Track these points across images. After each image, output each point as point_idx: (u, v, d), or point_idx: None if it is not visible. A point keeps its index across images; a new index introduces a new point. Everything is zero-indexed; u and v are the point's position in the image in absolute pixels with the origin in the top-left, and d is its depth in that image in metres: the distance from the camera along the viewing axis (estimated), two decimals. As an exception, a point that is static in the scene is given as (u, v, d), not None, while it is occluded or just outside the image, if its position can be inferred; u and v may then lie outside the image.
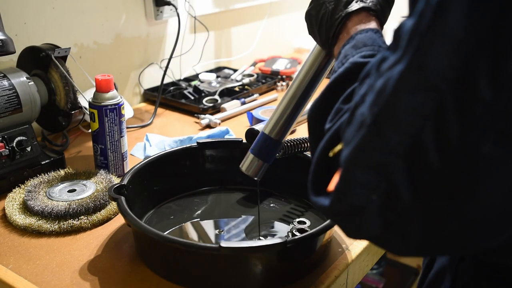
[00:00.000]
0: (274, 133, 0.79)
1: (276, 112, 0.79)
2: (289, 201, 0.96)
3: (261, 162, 0.81)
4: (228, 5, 1.76)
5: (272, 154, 0.80)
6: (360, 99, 0.46)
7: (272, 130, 0.79)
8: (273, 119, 0.79)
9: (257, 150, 0.80)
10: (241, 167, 0.83)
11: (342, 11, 0.65)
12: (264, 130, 0.80)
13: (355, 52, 0.60)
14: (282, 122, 0.78)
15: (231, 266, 0.72)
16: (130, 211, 0.75)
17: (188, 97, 1.49)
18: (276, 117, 0.79)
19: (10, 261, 0.79)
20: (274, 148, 0.80)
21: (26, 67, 1.07)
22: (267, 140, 0.79)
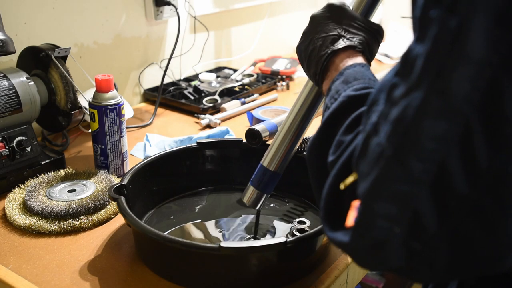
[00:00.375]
0: (272, 165, 0.82)
1: (273, 144, 0.82)
2: (289, 201, 0.96)
3: (261, 193, 0.84)
4: (228, 5, 1.76)
5: (271, 185, 0.84)
6: (373, 129, 0.45)
7: (271, 163, 0.82)
8: (271, 151, 0.82)
9: (256, 182, 0.84)
10: (243, 199, 0.85)
11: (329, 48, 0.66)
12: (262, 163, 0.83)
13: (346, 87, 0.60)
14: (280, 155, 0.81)
15: (231, 266, 0.72)
16: (130, 211, 0.75)
17: (188, 97, 1.49)
18: (273, 150, 0.82)
19: (10, 261, 0.79)
20: (273, 180, 0.83)
21: (26, 67, 1.07)
22: (267, 173, 0.83)
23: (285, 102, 1.54)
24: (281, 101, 1.55)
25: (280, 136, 0.81)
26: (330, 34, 0.67)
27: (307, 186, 0.95)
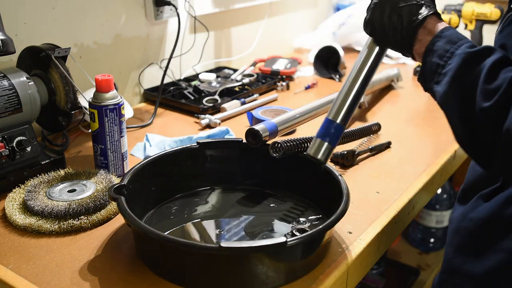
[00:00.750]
0: (338, 118, 0.85)
1: (338, 98, 0.86)
2: (289, 200, 0.96)
3: (329, 145, 0.86)
4: (228, 5, 1.76)
5: (337, 137, 0.87)
6: None
7: (337, 116, 0.85)
8: (336, 105, 0.86)
9: (324, 135, 0.86)
10: (309, 153, 0.87)
11: (418, 14, 0.75)
12: (328, 117, 0.86)
13: (457, 46, 0.70)
14: (345, 108, 0.85)
15: (231, 266, 0.72)
16: (130, 211, 0.75)
17: (188, 97, 1.49)
18: (338, 103, 0.86)
19: (10, 261, 0.79)
20: (339, 131, 0.86)
21: (26, 67, 1.07)
22: (333, 125, 0.86)
23: (285, 102, 1.54)
24: (281, 101, 1.55)
25: (345, 90, 0.85)
26: (411, 3, 0.76)
27: (307, 185, 0.95)
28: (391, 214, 0.95)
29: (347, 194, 0.82)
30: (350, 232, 0.88)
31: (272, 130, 1.01)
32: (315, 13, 2.27)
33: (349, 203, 0.81)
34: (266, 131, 0.99)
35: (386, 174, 1.09)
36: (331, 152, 0.86)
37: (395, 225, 0.96)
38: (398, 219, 0.96)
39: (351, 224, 0.90)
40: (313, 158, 0.86)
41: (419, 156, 1.18)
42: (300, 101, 1.54)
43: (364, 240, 0.86)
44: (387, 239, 0.95)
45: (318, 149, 0.86)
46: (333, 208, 0.79)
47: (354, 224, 0.91)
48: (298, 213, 0.92)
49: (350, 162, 1.12)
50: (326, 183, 0.89)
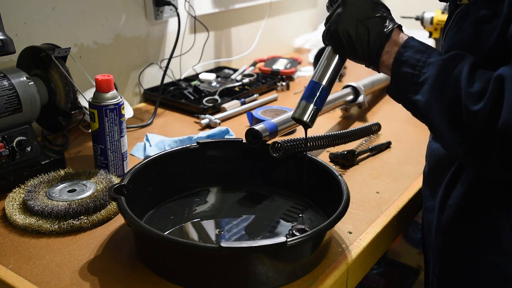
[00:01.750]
0: (324, 80, 0.84)
1: (322, 63, 0.84)
2: (289, 200, 0.96)
3: (314, 107, 0.84)
4: (228, 5, 1.76)
5: (323, 99, 0.85)
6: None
7: (322, 78, 0.84)
8: (321, 69, 0.84)
9: (309, 97, 0.84)
10: (294, 116, 0.86)
11: (384, 27, 0.77)
12: (314, 79, 0.85)
13: (427, 55, 0.72)
14: (330, 72, 0.84)
15: (231, 266, 0.72)
16: (130, 211, 0.75)
17: (188, 97, 1.49)
18: (323, 67, 0.84)
19: (10, 261, 0.79)
20: (325, 94, 0.85)
21: (26, 67, 1.07)
22: (318, 87, 0.84)
23: (285, 102, 1.54)
24: (281, 101, 1.55)
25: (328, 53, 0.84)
26: (377, 16, 0.78)
27: (307, 185, 0.95)
28: (391, 214, 0.95)
29: (347, 194, 0.82)
30: (350, 232, 0.88)
31: (272, 130, 1.01)
32: (315, 13, 2.27)
33: (349, 203, 0.81)
34: (266, 131, 0.99)
35: (386, 174, 1.09)
36: (316, 115, 0.85)
37: (395, 225, 0.96)
38: (398, 219, 0.96)
39: (351, 224, 0.90)
40: (298, 120, 0.85)
41: (419, 156, 1.17)
42: (300, 101, 1.54)
43: (364, 240, 0.86)
44: (387, 239, 0.95)
45: (304, 111, 0.84)
46: (333, 208, 0.79)
47: (354, 224, 0.91)
48: (298, 213, 0.92)
49: (350, 162, 1.12)
50: (326, 183, 0.89)
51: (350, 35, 0.79)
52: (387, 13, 0.79)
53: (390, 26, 0.77)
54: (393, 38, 0.77)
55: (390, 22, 0.78)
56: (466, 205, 0.79)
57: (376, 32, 0.77)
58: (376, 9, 0.78)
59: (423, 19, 1.78)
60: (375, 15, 0.78)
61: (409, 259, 2.04)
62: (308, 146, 1.03)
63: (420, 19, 1.79)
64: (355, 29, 0.78)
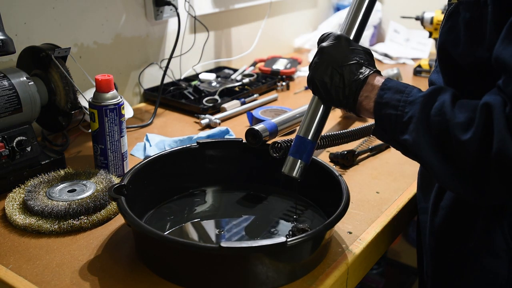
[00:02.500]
0: (309, 135, 0.84)
1: (307, 115, 0.85)
2: (289, 200, 0.96)
3: (302, 162, 0.85)
4: (228, 5, 1.77)
5: (309, 154, 0.85)
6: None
7: (307, 132, 0.84)
8: (305, 122, 0.85)
9: (296, 153, 0.85)
10: (284, 171, 0.86)
11: (358, 74, 0.77)
12: (299, 134, 0.85)
13: (405, 94, 0.72)
14: (315, 124, 0.84)
15: (231, 266, 0.72)
16: (130, 211, 0.75)
17: (188, 97, 1.49)
18: (308, 120, 0.84)
19: (10, 261, 0.79)
20: (311, 148, 0.85)
21: (26, 67, 1.07)
22: (304, 142, 0.85)
23: (285, 102, 1.54)
24: (281, 101, 1.55)
25: (313, 107, 0.84)
26: (352, 63, 0.78)
27: (307, 185, 0.95)
28: (391, 214, 0.95)
29: (347, 194, 0.82)
30: (350, 232, 0.88)
31: (272, 130, 1.01)
32: (315, 13, 2.27)
33: (349, 203, 0.81)
34: (266, 131, 0.99)
35: (386, 174, 1.09)
36: (305, 169, 0.86)
37: (395, 225, 0.96)
38: (398, 219, 0.96)
39: (351, 224, 0.90)
40: (287, 176, 0.86)
41: (419, 156, 1.18)
42: (300, 101, 1.54)
43: (364, 240, 0.86)
44: (387, 239, 0.95)
45: (292, 167, 0.85)
46: (333, 208, 0.79)
47: (354, 224, 0.91)
48: (298, 213, 0.92)
49: (350, 162, 1.12)
50: (326, 183, 0.89)
51: (325, 82, 0.79)
52: (365, 59, 0.79)
53: (366, 72, 0.77)
54: (370, 83, 0.77)
55: (366, 68, 0.78)
56: (458, 208, 0.80)
57: (351, 79, 0.77)
58: (352, 57, 0.78)
59: (423, 19, 1.79)
60: (350, 62, 0.78)
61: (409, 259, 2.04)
62: None
63: (420, 19, 1.79)
64: (330, 77, 0.79)
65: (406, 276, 1.95)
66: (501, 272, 0.75)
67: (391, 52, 2.03)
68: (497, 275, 0.75)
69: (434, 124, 0.68)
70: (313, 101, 0.84)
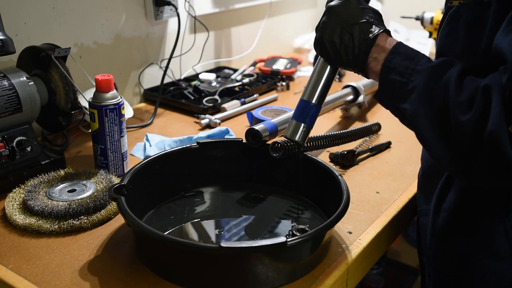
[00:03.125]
0: (314, 98, 0.84)
1: (312, 79, 0.84)
2: (289, 200, 0.96)
3: (305, 126, 0.85)
4: (228, 5, 1.77)
5: (313, 118, 0.85)
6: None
7: (311, 96, 0.84)
8: (310, 85, 0.84)
9: (299, 116, 0.84)
10: (286, 135, 0.86)
11: (369, 33, 0.76)
12: (303, 97, 0.85)
13: (415, 61, 0.71)
14: (319, 88, 0.84)
15: (231, 266, 0.72)
16: (130, 211, 0.75)
17: (188, 97, 1.49)
18: (312, 83, 0.84)
19: (10, 261, 0.79)
20: (315, 112, 0.85)
21: (26, 67, 1.07)
22: (308, 106, 0.84)
23: (285, 102, 1.54)
24: (281, 101, 1.55)
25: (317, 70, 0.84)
26: (362, 22, 0.77)
27: (307, 185, 0.95)
28: (391, 214, 0.95)
29: (347, 194, 0.82)
30: (350, 232, 0.88)
31: (272, 130, 1.01)
32: (315, 13, 2.27)
33: (349, 203, 0.81)
34: (266, 131, 0.99)
35: (386, 174, 1.09)
36: (308, 134, 0.85)
37: (395, 225, 0.96)
38: (398, 219, 0.96)
39: (351, 224, 0.90)
40: (290, 140, 0.85)
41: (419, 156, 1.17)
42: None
43: (364, 240, 0.86)
44: (387, 239, 0.95)
45: (295, 131, 0.84)
46: (333, 208, 0.79)
47: (354, 224, 0.91)
48: (298, 213, 0.92)
49: (350, 162, 1.12)
50: (326, 183, 0.89)
51: (334, 42, 0.78)
52: (375, 18, 0.78)
53: (376, 31, 0.76)
54: (380, 44, 0.75)
55: (376, 27, 0.76)
56: (461, 209, 0.79)
57: (361, 38, 0.76)
58: (362, 15, 0.77)
59: (423, 19, 1.79)
60: (360, 21, 0.77)
61: (409, 259, 2.04)
62: (308, 146, 1.03)
63: (420, 19, 1.79)
64: (340, 36, 0.78)
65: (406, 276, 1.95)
66: (504, 274, 0.74)
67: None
68: (500, 277, 0.75)
69: (436, 98, 0.67)
70: (318, 64, 0.84)
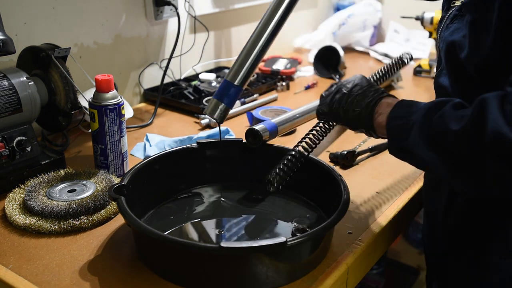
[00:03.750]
0: (236, 80, 0.89)
1: (237, 60, 0.89)
2: (289, 200, 0.96)
3: (225, 106, 0.90)
4: (228, 5, 1.76)
5: (234, 98, 0.90)
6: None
7: (234, 78, 0.89)
8: (235, 67, 0.89)
9: (221, 96, 0.90)
10: (205, 112, 0.92)
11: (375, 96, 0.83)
12: (227, 78, 0.90)
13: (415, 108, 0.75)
14: (244, 70, 0.89)
15: (231, 266, 0.72)
16: (130, 211, 0.75)
17: (188, 97, 1.49)
18: (237, 65, 0.89)
19: (10, 261, 0.79)
20: (237, 93, 0.90)
21: (26, 67, 1.07)
22: (231, 87, 0.89)
23: (285, 102, 1.54)
24: (281, 101, 1.55)
25: (244, 53, 0.89)
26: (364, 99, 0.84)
27: (307, 185, 0.95)
28: (391, 214, 0.95)
29: (347, 194, 0.82)
30: (350, 232, 0.88)
31: (272, 130, 1.01)
32: (315, 13, 2.27)
33: (349, 203, 0.81)
34: (266, 131, 0.99)
35: (386, 174, 1.09)
36: (227, 113, 0.89)
37: (395, 225, 0.96)
38: (398, 219, 0.96)
39: (351, 224, 0.90)
40: (210, 117, 0.90)
41: (419, 156, 1.17)
42: (300, 101, 1.54)
43: (364, 240, 0.86)
44: (387, 239, 0.95)
45: (214, 109, 0.89)
46: (333, 208, 0.79)
47: (354, 224, 0.91)
48: (298, 213, 0.92)
49: (350, 162, 1.12)
50: (326, 183, 0.89)
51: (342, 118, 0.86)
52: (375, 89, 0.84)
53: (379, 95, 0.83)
54: (386, 101, 0.82)
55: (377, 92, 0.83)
56: (472, 208, 0.79)
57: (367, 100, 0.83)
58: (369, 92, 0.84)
59: (423, 19, 1.78)
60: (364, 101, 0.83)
61: (409, 259, 2.04)
62: None
63: (420, 19, 1.79)
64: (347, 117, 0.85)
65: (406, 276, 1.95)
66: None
67: (391, 52, 2.03)
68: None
69: (433, 126, 0.69)
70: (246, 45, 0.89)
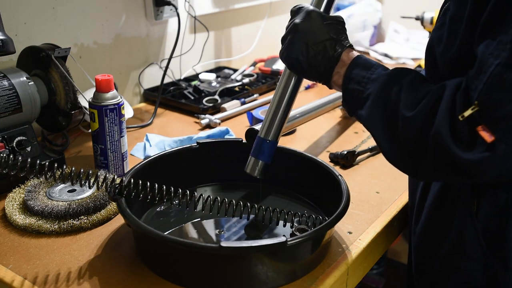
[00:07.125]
0: (270, 135, 0.89)
1: (268, 116, 0.89)
2: (289, 200, 0.96)
3: (263, 162, 0.90)
4: (228, 5, 1.77)
5: (270, 153, 0.90)
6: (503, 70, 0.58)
7: (268, 133, 0.89)
8: (266, 123, 0.89)
9: (257, 153, 0.90)
10: (246, 170, 0.91)
11: (333, 51, 0.79)
12: (260, 135, 0.90)
13: (371, 72, 0.75)
14: (275, 124, 0.89)
15: (231, 266, 0.72)
16: (130, 211, 0.75)
17: (188, 97, 1.49)
18: (268, 121, 0.89)
19: (10, 261, 0.79)
20: (272, 148, 0.90)
21: (26, 67, 1.07)
22: (265, 142, 0.89)
23: (285, 102, 1.54)
24: (281, 101, 1.55)
25: (273, 108, 0.89)
26: (326, 40, 0.80)
27: (307, 185, 0.95)
28: (391, 214, 0.95)
29: (347, 194, 0.82)
30: (350, 232, 0.88)
31: (272, 130, 1.01)
32: (315, 13, 2.27)
33: (349, 203, 0.81)
34: (266, 131, 0.99)
35: (386, 174, 1.09)
36: (266, 168, 0.90)
37: (395, 225, 0.96)
38: (398, 219, 0.96)
39: (351, 224, 0.90)
40: (250, 175, 0.90)
41: (419, 156, 1.18)
42: (300, 101, 1.54)
43: (364, 240, 0.86)
44: (387, 239, 0.95)
45: (254, 167, 0.90)
46: (333, 208, 0.79)
47: (354, 224, 0.91)
48: (298, 213, 0.92)
49: (350, 162, 1.12)
50: (326, 183, 0.89)
51: (300, 60, 0.82)
52: (339, 33, 0.80)
53: (339, 50, 0.79)
54: (343, 59, 0.79)
55: (340, 44, 0.79)
56: (436, 209, 0.80)
57: (326, 57, 0.80)
58: (326, 32, 0.80)
59: (423, 19, 1.79)
60: (325, 40, 0.80)
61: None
62: None
63: (420, 19, 1.79)
64: (305, 54, 0.81)
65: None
66: (476, 274, 0.75)
67: (391, 52, 2.03)
68: (472, 278, 0.76)
69: (388, 103, 0.70)
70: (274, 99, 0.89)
